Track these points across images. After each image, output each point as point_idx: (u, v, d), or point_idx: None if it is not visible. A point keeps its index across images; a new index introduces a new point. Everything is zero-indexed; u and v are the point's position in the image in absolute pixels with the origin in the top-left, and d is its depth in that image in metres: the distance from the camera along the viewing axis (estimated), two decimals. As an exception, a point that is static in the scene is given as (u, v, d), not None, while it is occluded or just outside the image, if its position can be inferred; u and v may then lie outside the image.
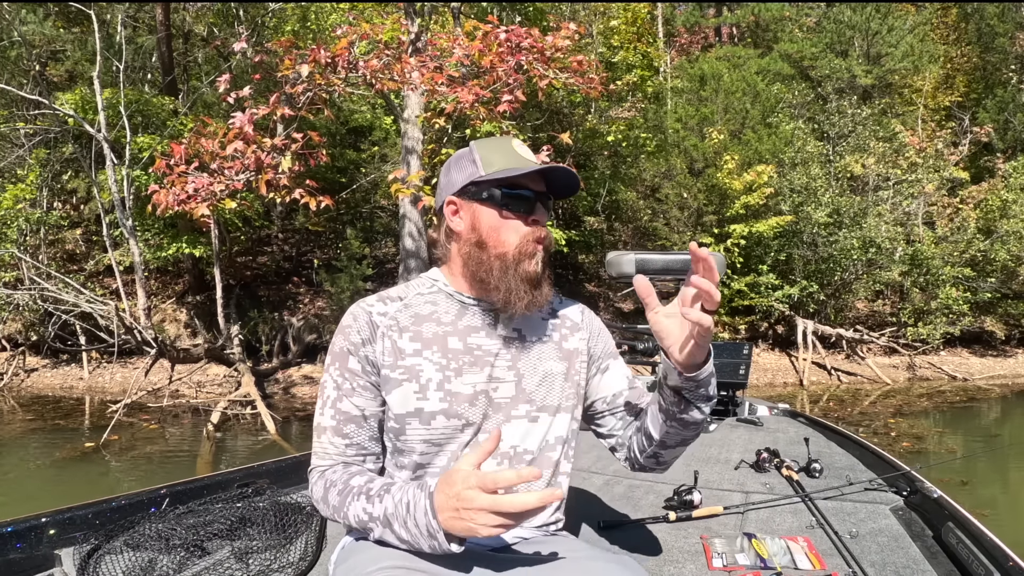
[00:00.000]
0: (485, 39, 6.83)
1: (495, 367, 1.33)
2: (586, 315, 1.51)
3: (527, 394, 1.34)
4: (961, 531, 2.02)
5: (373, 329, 1.31)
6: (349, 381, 1.30)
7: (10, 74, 13.00)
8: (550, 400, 1.37)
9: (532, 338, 1.39)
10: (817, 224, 14.08)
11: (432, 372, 1.28)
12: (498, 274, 1.31)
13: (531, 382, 1.35)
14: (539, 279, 1.33)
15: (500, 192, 1.32)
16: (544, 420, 1.35)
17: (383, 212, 14.94)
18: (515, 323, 1.38)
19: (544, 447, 1.35)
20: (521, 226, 1.33)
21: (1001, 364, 15.66)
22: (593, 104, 14.28)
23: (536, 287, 1.32)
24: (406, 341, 1.30)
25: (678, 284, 3.82)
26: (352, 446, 1.30)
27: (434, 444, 1.28)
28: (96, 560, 1.81)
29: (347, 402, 1.29)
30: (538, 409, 1.35)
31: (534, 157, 1.36)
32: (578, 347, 1.44)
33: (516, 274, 1.30)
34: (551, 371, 1.38)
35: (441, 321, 1.34)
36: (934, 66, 20.87)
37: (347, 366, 1.30)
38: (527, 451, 1.33)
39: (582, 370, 1.43)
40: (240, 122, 6.08)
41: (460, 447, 1.28)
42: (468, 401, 1.29)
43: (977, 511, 5.55)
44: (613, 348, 1.52)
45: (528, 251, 1.32)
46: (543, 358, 1.38)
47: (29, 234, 12.65)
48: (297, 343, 12.55)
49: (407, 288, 1.40)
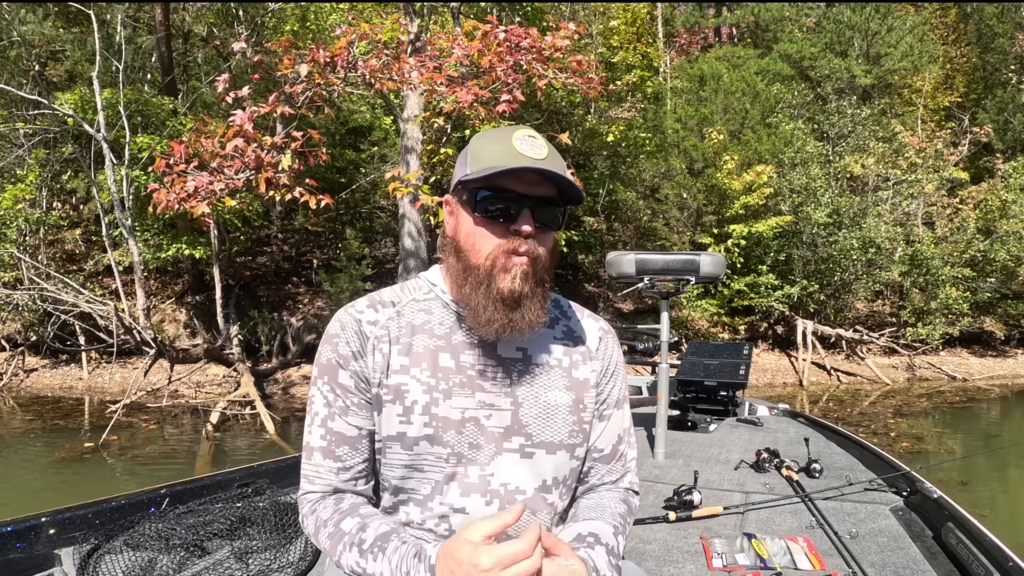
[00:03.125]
0: (484, 39, 6.83)
1: (489, 392, 1.18)
2: (605, 343, 1.32)
3: (523, 426, 1.18)
4: (961, 531, 2.02)
5: (363, 341, 1.18)
6: (341, 398, 1.18)
7: (9, 74, 12.99)
8: (549, 435, 1.20)
9: (537, 361, 1.22)
10: (817, 224, 14.09)
11: (419, 393, 1.15)
12: (469, 290, 1.15)
13: (530, 413, 1.19)
14: (516, 299, 1.13)
15: (477, 194, 1.14)
16: (540, 458, 1.19)
17: (382, 212, 14.93)
18: (519, 341, 1.21)
19: (540, 488, 1.20)
20: (498, 235, 1.14)
21: (1000, 364, 15.68)
22: (592, 104, 14.28)
23: (512, 308, 1.13)
24: (395, 355, 1.17)
25: (678, 284, 3.82)
26: (345, 470, 1.19)
27: (415, 470, 1.17)
28: (96, 560, 1.81)
29: (340, 421, 1.18)
30: (534, 444, 1.19)
31: (541, 151, 1.14)
32: (589, 379, 1.26)
33: (488, 291, 1.13)
34: (555, 402, 1.21)
35: (434, 333, 1.20)
36: (934, 66, 20.89)
37: (338, 381, 1.18)
38: (519, 490, 1.18)
39: (591, 405, 1.26)
40: (240, 120, 6.08)
41: (445, 478, 1.16)
42: (455, 428, 1.15)
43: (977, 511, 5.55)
44: (623, 392, 1.33)
45: (502, 264, 1.13)
46: (548, 386, 1.22)
47: (28, 234, 12.64)
48: (296, 343, 12.54)
49: (402, 291, 1.26)
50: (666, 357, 3.51)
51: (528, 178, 1.13)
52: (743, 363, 4.41)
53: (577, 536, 1.14)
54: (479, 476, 1.17)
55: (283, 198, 6.43)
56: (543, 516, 1.22)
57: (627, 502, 1.29)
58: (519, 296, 1.13)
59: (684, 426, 4.15)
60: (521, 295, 1.13)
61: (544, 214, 1.16)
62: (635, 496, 1.34)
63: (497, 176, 1.11)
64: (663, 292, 3.48)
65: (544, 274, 1.17)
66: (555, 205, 1.17)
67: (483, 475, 1.17)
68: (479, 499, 1.17)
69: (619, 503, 1.27)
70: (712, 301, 14.30)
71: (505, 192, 1.13)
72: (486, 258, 1.14)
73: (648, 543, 2.24)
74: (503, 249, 1.13)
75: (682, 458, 3.43)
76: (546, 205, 1.16)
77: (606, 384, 1.29)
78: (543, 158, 1.12)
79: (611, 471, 1.30)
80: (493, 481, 1.17)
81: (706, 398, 4.41)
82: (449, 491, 1.17)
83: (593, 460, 1.29)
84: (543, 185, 1.15)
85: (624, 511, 1.25)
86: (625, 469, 1.32)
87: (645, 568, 1.79)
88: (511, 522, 0.98)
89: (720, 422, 4.27)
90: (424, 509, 1.18)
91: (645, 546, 2.21)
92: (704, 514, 2.47)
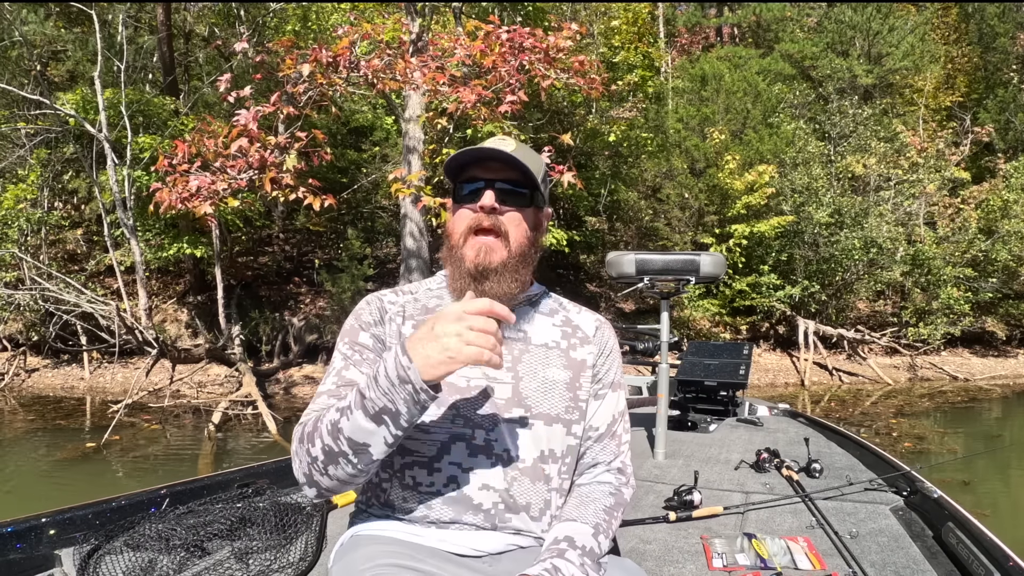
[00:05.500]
0: (487, 39, 6.83)
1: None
2: (600, 331, 1.41)
3: (523, 398, 1.27)
4: (961, 531, 2.02)
5: (382, 313, 1.32)
6: (358, 352, 1.29)
7: (11, 74, 13.01)
8: (546, 408, 1.28)
9: (537, 341, 1.33)
10: (818, 224, 14.08)
11: None
12: (451, 268, 1.31)
13: (529, 386, 1.28)
14: (482, 272, 1.25)
15: (456, 188, 1.31)
16: (539, 428, 1.27)
17: (384, 212, 14.93)
18: (520, 324, 1.33)
19: (539, 458, 1.27)
20: (467, 214, 1.28)
21: (1002, 364, 15.66)
22: (594, 104, 14.27)
23: (478, 280, 1.26)
24: (408, 327, 1.30)
25: (678, 284, 3.82)
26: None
27: (421, 430, 1.23)
28: (96, 560, 1.81)
29: (353, 370, 1.26)
30: (533, 416, 1.27)
31: (508, 145, 1.27)
32: (586, 359, 1.36)
33: (459, 265, 1.28)
34: (553, 378, 1.31)
35: None
36: (935, 66, 20.87)
37: (357, 340, 1.30)
38: (520, 458, 1.25)
39: (586, 384, 1.35)
40: (245, 119, 6.07)
41: (451, 438, 1.23)
42: (460, 393, 1.24)
43: (979, 511, 5.54)
44: (618, 377, 1.42)
45: (465, 239, 1.27)
46: (546, 364, 1.31)
47: (30, 234, 12.65)
48: (298, 343, 12.55)
49: (420, 284, 1.42)
50: (666, 357, 3.51)
51: (492, 166, 1.28)
52: (743, 363, 4.41)
53: (553, 541, 1.19)
54: (484, 439, 1.24)
55: (287, 198, 6.43)
56: (540, 487, 1.28)
57: (616, 492, 1.34)
58: (484, 269, 1.25)
59: (684, 426, 4.15)
60: (487, 268, 1.25)
61: (509, 194, 1.28)
62: (627, 479, 1.39)
63: (468, 168, 1.29)
64: (663, 292, 3.48)
65: (518, 251, 1.29)
66: (520, 187, 1.29)
67: (488, 438, 1.25)
68: (484, 460, 1.24)
69: (606, 496, 1.32)
70: (714, 301, 14.29)
71: (474, 179, 1.28)
72: (458, 236, 1.28)
73: (648, 543, 2.24)
74: (469, 226, 1.27)
75: (682, 458, 3.43)
76: (511, 186, 1.28)
77: (602, 365, 1.38)
78: (507, 148, 1.25)
79: (605, 449, 1.37)
80: (496, 446, 1.25)
81: (706, 398, 4.41)
82: (456, 451, 1.24)
83: (589, 439, 1.36)
84: (506, 171, 1.28)
85: (611, 504, 1.31)
86: (619, 449, 1.39)
87: (645, 568, 1.79)
88: (484, 308, 1.04)
89: (720, 422, 4.27)
90: (431, 471, 1.24)
91: (645, 546, 2.21)
92: (704, 514, 2.47)
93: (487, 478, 1.23)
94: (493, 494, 1.23)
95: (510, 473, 1.24)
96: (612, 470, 1.37)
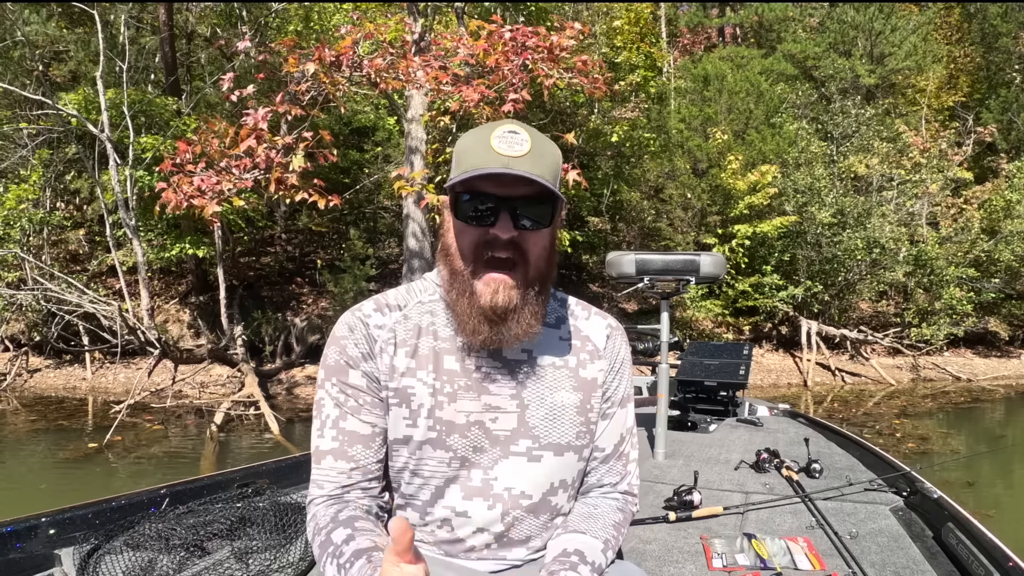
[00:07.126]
0: (489, 38, 6.82)
1: (495, 394, 1.16)
2: (612, 340, 1.27)
3: (530, 428, 1.16)
4: (961, 531, 2.02)
5: (371, 343, 1.16)
6: (352, 398, 1.15)
7: (13, 74, 13.03)
8: (556, 437, 1.17)
9: (543, 362, 1.19)
10: (821, 224, 14.05)
11: (424, 396, 1.14)
12: (456, 295, 1.12)
13: (536, 414, 1.17)
14: (501, 314, 1.09)
15: (459, 198, 1.10)
16: (547, 460, 1.17)
17: (386, 212, 14.94)
18: (523, 343, 1.17)
19: (547, 491, 1.18)
20: (478, 239, 1.09)
21: (1005, 365, 15.62)
22: (596, 104, 14.26)
23: (496, 323, 1.10)
24: (401, 357, 1.15)
25: (679, 284, 3.82)
26: (357, 470, 1.15)
27: (417, 476, 1.16)
28: (96, 560, 1.82)
29: (353, 420, 1.15)
30: (542, 447, 1.17)
31: (521, 147, 1.06)
32: (596, 378, 1.22)
33: (471, 302, 1.10)
34: (562, 403, 1.18)
35: (439, 335, 1.17)
36: (937, 66, 20.82)
37: (348, 381, 1.16)
38: (524, 494, 1.17)
39: (597, 405, 1.22)
40: (254, 120, 6.06)
41: (445, 481, 1.15)
42: (459, 432, 1.14)
43: (982, 512, 5.54)
44: (627, 391, 1.29)
45: (474, 267, 1.10)
46: (554, 387, 1.18)
47: (32, 234, 12.68)
48: (300, 343, 12.56)
49: (408, 293, 1.23)
50: (666, 357, 3.51)
51: (506, 178, 1.05)
52: (743, 363, 4.40)
53: (562, 552, 1.12)
54: (482, 480, 1.16)
55: (292, 199, 6.43)
56: (545, 518, 1.20)
57: (623, 509, 1.27)
58: (503, 312, 1.09)
59: (684, 426, 4.15)
60: (506, 310, 1.09)
61: (529, 213, 1.09)
62: (633, 500, 1.31)
63: (474, 179, 1.06)
64: (663, 292, 3.48)
65: (537, 277, 1.13)
66: (540, 203, 1.09)
67: (486, 479, 1.16)
68: (481, 503, 1.16)
69: (614, 511, 1.24)
70: (716, 302, 14.28)
71: (484, 195, 1.07)
72: (467, 263, 1.10)
73: (648, 543, 2.24)
74: (479, 253, 1.09)
75: (682, 458, 3.43)
76: (530, 203, 1.08)
77: (612, 381, 1.25)
78: (522, 155, 1.05)
79: (611, 471, 1.27)
80: (496, 485, 1.16)
81: (706, 398, 4.40)
82: (450, 494, 1.16)
83: (594, 459, 1.26)
84: (523, 184, 1.06)
85: (619, 520, 1.23)
86: (626, 470, 1.29)
87: (645, 568, 1.79)
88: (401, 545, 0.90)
89: (720, 422, 4.27)
90: (424, 514, 1.18)
91: (645, 546, 2.21)
92: (704, 514, 2.47)
93: (482, 522, 1.17)
94: (487, 536, 1.18)
95: (512, 513, 1.17)
96: (617, 492, 1.28)
